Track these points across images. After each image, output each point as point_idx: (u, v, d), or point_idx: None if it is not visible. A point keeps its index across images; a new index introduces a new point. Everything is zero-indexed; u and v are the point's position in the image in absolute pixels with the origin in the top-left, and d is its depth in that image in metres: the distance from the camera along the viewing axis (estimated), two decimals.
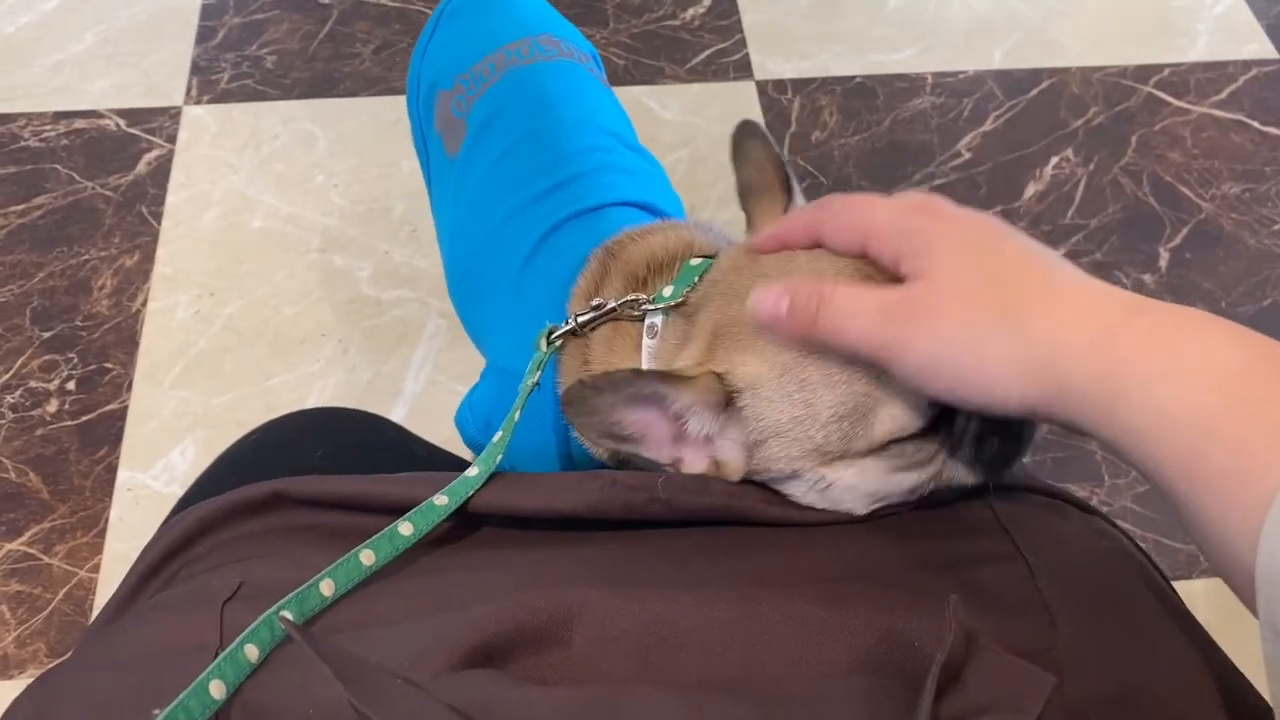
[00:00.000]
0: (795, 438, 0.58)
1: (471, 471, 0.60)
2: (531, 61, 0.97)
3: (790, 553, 0.58)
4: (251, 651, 0.50)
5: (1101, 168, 1.81)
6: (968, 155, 1.81)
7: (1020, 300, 0.49)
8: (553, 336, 0.71)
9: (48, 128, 1.80)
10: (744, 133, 0.70)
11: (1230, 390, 0.43)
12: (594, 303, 0.71)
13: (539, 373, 0.68)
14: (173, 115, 1.83)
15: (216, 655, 0.50)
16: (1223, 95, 1.91)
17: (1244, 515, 0.41)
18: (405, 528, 0.57)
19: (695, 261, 0.70)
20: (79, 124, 1.81)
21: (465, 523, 0.61)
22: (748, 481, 0.61)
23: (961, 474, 0.60)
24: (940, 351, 0.50)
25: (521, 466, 0.79)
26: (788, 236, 0.60)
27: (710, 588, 0.54)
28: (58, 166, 1.75)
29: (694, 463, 0.61)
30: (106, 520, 1.39)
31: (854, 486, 0.59)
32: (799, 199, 0.69)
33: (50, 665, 1.27)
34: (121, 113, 1.82)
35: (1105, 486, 1.45)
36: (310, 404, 1.49)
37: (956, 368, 0.49)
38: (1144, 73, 1.94)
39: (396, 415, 1.49)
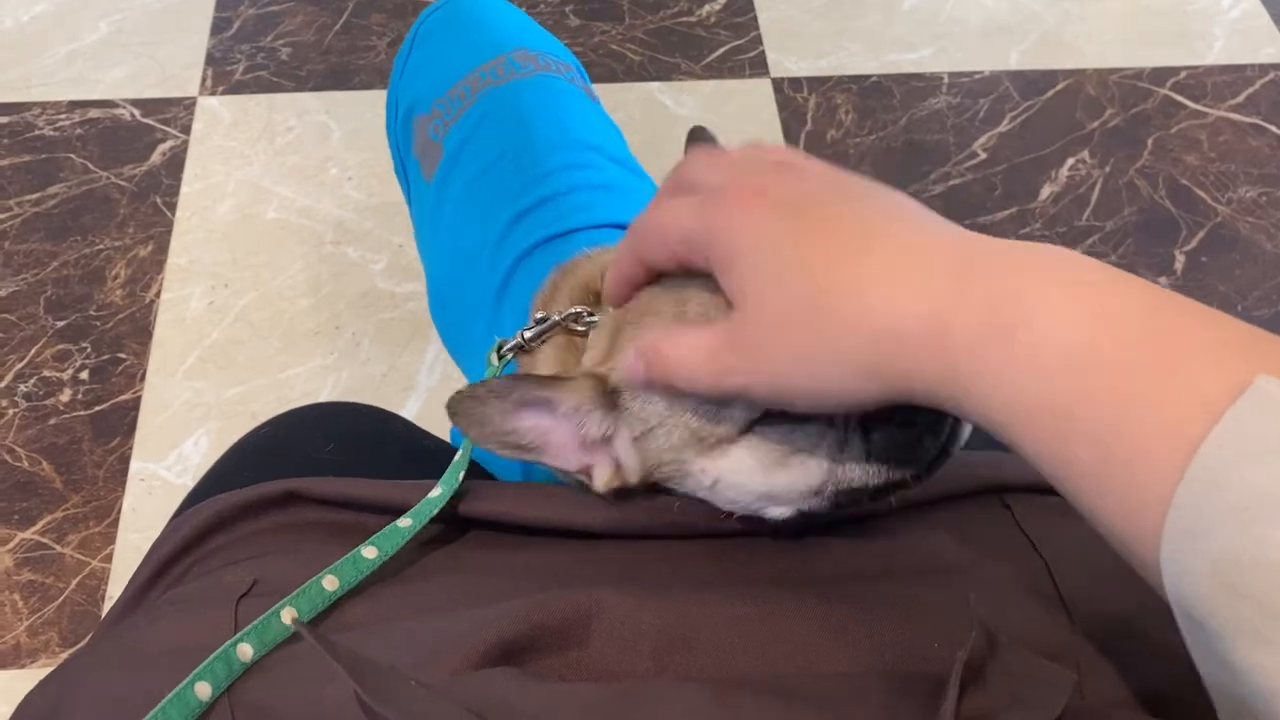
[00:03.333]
0: (673, 425, 0.56)
1: (435, 492, 0.60)
2: (506, 80, 0.95)
3: (806, 554, 0.58)
4: (203, 689, 0.49)
5: (1117, 170, 1.80)
6: (983, 155, 1.80)
7: (834, 308, 0.44)
8: (503, 350, 0.70)
9: (62, 117, 1.81)
10: (694, 138, 0.68)
11: (1077, 374, 0.38)
12: (538, 315, 0.70)
13: None
14: (187, 106, 1.83)
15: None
16: (1240, 99, 1.90)
17: (1123, 514, 0.38)
18: (370, 551, 0.56)
19: None
20: (93, 114, 1.81)
21: (481, 527, 0.61)
22: None
23: (856, 473, 0.55)
24: (780, 384, 0.47)
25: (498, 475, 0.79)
26: (626, 280, 0.57)
27: (725, 589, 0.54)
28: (72, 156, 1.76)
29: (602, 469, 0.59)
30: (119, 510, 1.39)
31: (737, 484, 0.56)
32: None
33: (62, 655, 1.27)
34: (136, 103, 1.83)
35: None
36: (323, 397, 1.50)
37: (803, 392, 0.47)
38: (1160, 75, 1.93)
39: (410, 408, 1.49)
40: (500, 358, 0.70)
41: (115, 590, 1.33)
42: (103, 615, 1.27)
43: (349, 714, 0.44)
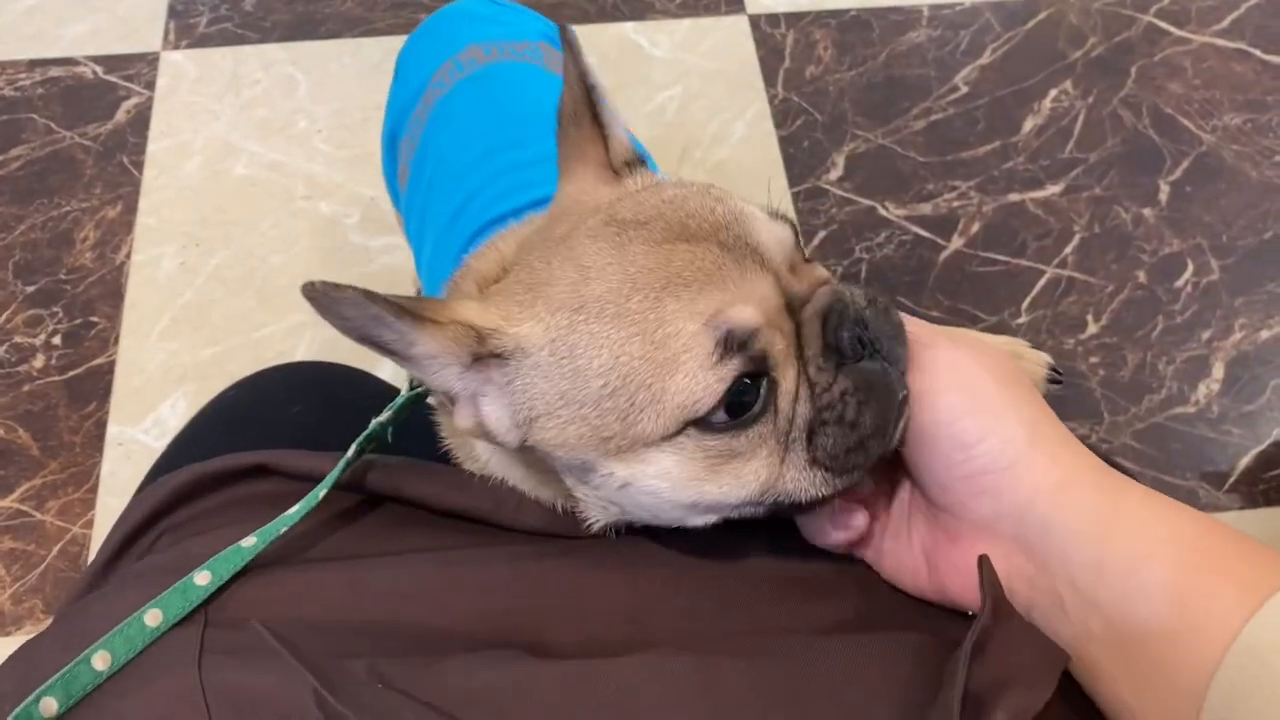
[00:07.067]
0: (569, 418, 0.49)
1: (248, 541, 0.55)
2: (450, 86, 0.96)
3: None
4: (49, 705, 0.48)
5: (1101, 100, 1.77)
6: (965, 89, 1.77)
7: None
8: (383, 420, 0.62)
9: (22, 76, 1.76)
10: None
11: (1173, 542, 0.45)
12: (404, 389, 0.63)
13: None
14: (150, 61, 1.78)
15: (203, 624, 0.50)
16: (1224, 24, 1.87)
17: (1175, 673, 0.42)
18: (202, 577, 0.53)
19: None
20: (54, 72, 1.76)
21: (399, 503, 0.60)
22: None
23: (801, 482, 0.50)
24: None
25: None
26: None
27: (702, 570, 0.54)
28: (34, 116, 1.71)
29: (463, 413, 0.52)
30: (98, 476, 1.38)
31: (658, 491, 0.49)
32: (615, 127, 0.59)
33: (47, 622, 1.26)
34: (98, 59, 1.78)
35: (1105, 424, 1.44)
36: (299, 355, 1.48)
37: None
38: (1144, 1, 1.90)
39: (386, 365, 1.47)
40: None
41: None
42: None
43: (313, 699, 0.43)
